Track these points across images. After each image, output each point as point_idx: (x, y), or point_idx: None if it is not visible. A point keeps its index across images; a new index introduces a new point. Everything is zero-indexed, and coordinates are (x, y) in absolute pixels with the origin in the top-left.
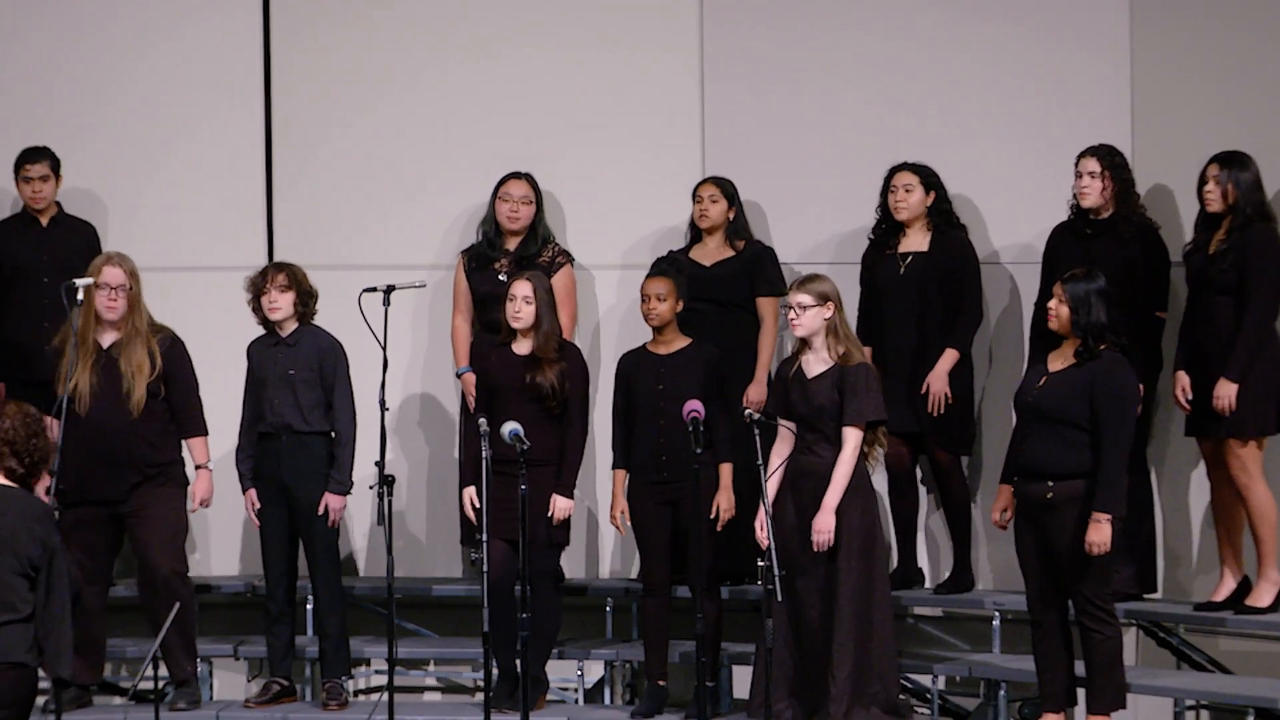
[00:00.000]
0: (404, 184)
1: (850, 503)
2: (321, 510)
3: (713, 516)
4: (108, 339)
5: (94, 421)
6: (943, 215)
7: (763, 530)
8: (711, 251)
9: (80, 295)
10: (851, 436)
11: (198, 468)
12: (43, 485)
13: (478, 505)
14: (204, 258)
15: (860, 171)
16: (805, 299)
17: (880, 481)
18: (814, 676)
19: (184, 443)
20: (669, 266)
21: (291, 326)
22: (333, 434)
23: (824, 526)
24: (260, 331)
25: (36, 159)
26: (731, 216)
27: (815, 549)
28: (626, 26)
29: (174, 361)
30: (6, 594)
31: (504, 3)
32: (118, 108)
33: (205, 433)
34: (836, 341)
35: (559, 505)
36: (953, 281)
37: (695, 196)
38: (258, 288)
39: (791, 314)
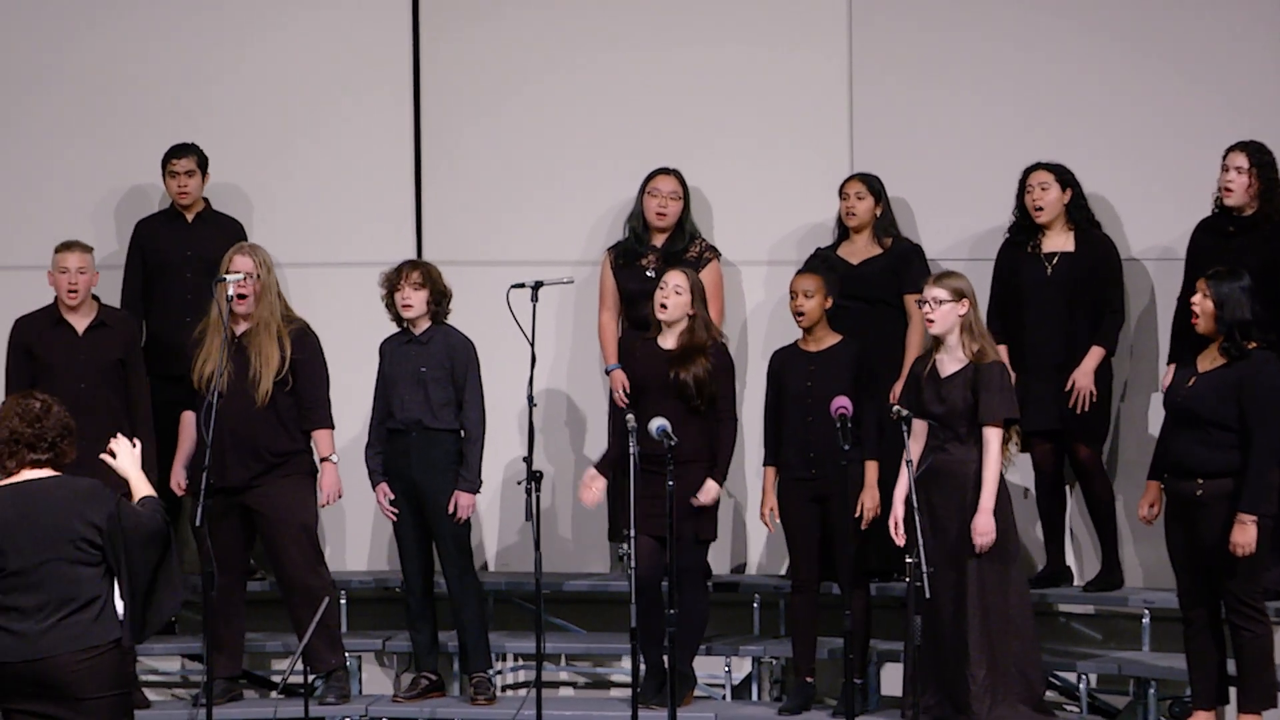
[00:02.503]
0: (551, 179)
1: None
2: (451, 508)
3: (858, 515)
4: (239, 328)
5: (221, 412)
6: (1081, 214)
7: (898, 528)
8: (859, 249)
9: (231, 291)
10: (993, 436)
11: (323, 460)
12: (178, 478)
13: (594, 489)
14: (354, 253)
15: (1005, 169)
16: (940, 294)
17: (1028, 479)
18: (954, 674)
19: (311, 435)
20: (820, 264)
21: (424, 324)
22: (462, 432)
23: (984, 528)
24: (388, 328)
25: (183, 154)
26: (879, 213)
27: (978, 551)
28: (775, 22)
29: (304, 353)
30: (67, 587)
31: None
32: (266, 103)
33: (331, 425)
34: (971, 339)
35: (707, 487)
36: (1098, 281)
37: (842, 193)
38: (392, 284)
39: (926, 309)
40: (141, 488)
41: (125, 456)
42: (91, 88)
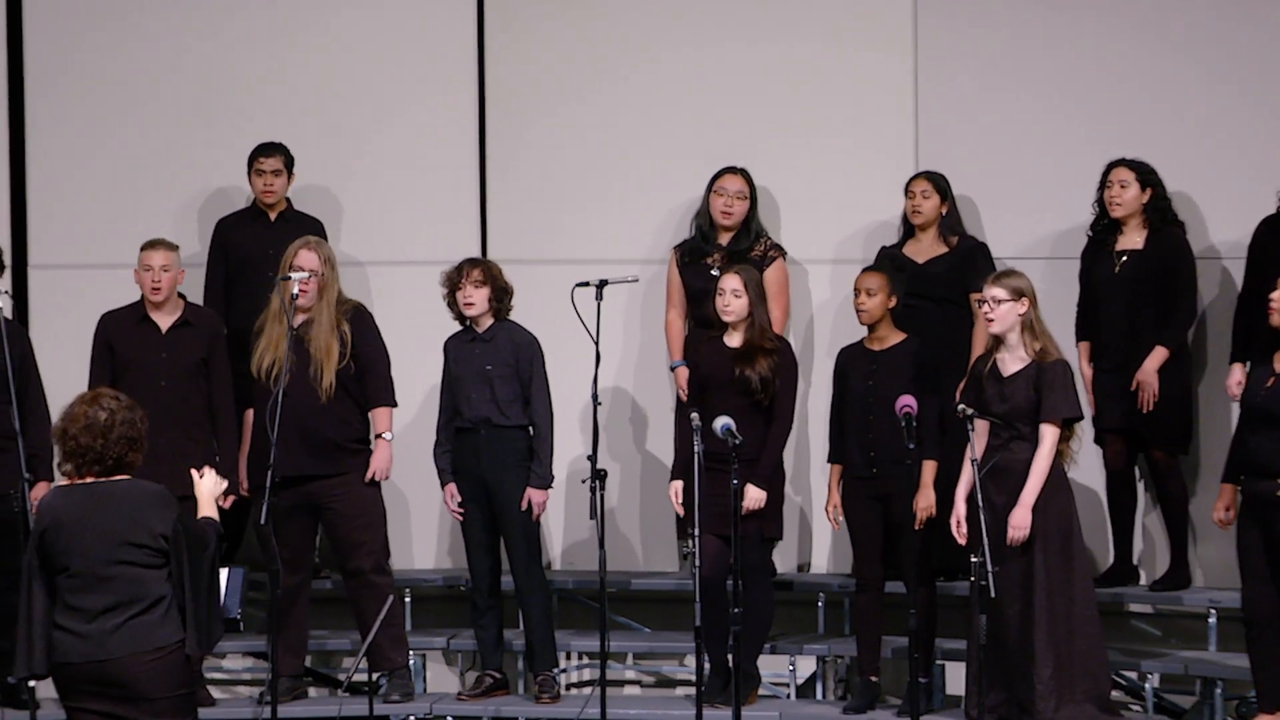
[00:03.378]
0: (616, 178)
1: (1047, 500)
2: (524, 505)
3: (912, 514)
4: (297, 320)
5: (288, 404)
6: (1158, 212)
7: (959, 528)
8: (925, 247)
9: (295, 289)
10: (1048, 433)
11: (377, 436)
12: (240, 475)
13: (681, 500)
14: (419, 252)
15: (1075, 167)
16: (999, 293)
17: (1098, 479)
18: (1019, 674)
19: (369, 413)
20: (887, 262)
21: (487, 322)
22: (530, 429)
23: (1020, 522)
24: (457, 327)
25: (270, 153)
26: (944, 212)
27: (1010, 544)
28: (841, 21)
29: (361, 333)
30: (133, 588)
31: None
32: (333, 104)
33: (392, 404)
34: (1032, 338)
35: (751, 495)
36: (1167, 279)
37: (908, 192)
38: (453, 283)
39: (985, 309)
40: (206, 512)
41: (203, 486)
42: (169, 90)
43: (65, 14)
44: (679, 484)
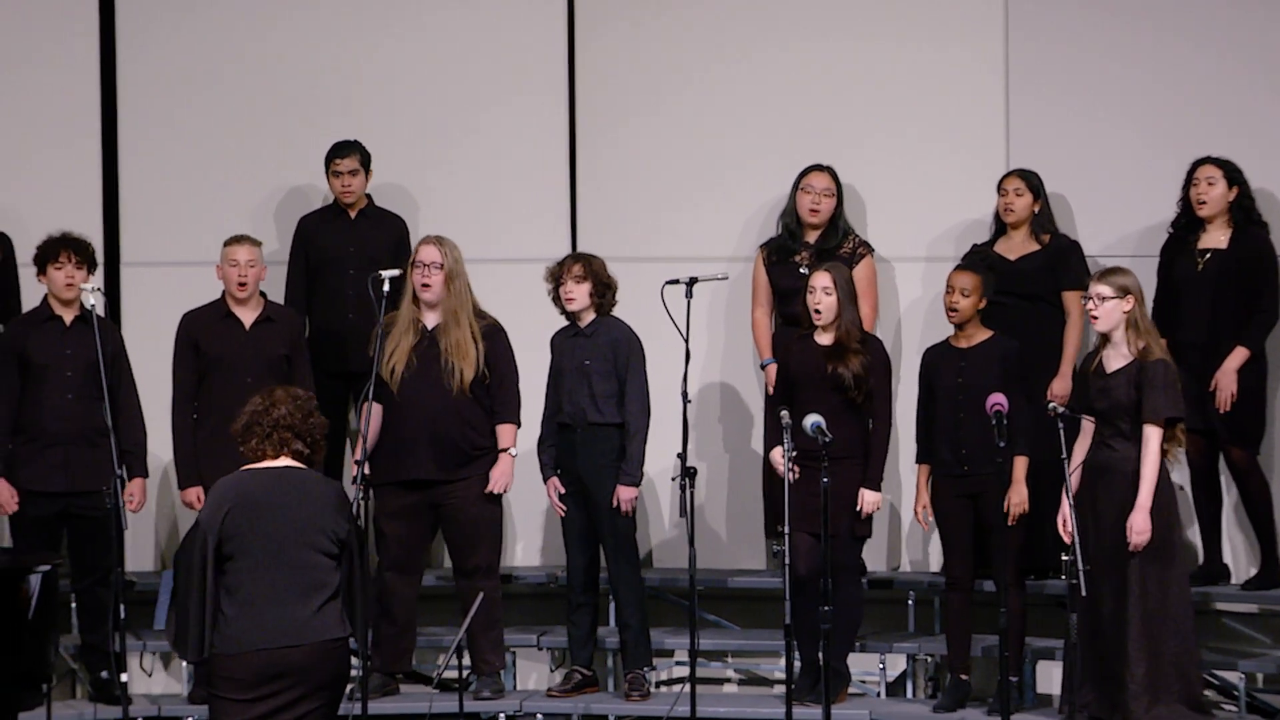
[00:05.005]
0: (704, 176)
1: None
2: (615, 503)
3: (1005, 511)
4: (430, 321)
5: (410, 403)
6: (1243, 211)
7: (1067, 525)
8: (1017, 245)
9: (386, 287)
10: (1153, 435)
11: (501, 451)
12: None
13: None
14: (508, 249)
15: (1164, 164)
16: (1105, 291)
17: (1184, 476)
18: (1112, 672)
19: (495, 427)
20: (979, 262)
21: (589, 317)
22: (625, 425)
23: (1141, 527)
24: (560, 323)
25: (346, 153)
26: (1037, 210)
27: (1132, 549)
28: (930, 18)
29: (496, 349)
30: (320, 574)
31: None
32: (423, 102)
33: (517, 422)
34: (1136, 336)
35: (867, 499)
36: (1250, 279)
37: (1000, 189)
38: (556, 278)
39: (1090, 306)
40: None
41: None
42: (255, 88)
43: (156, 16)
44: (778, 450)
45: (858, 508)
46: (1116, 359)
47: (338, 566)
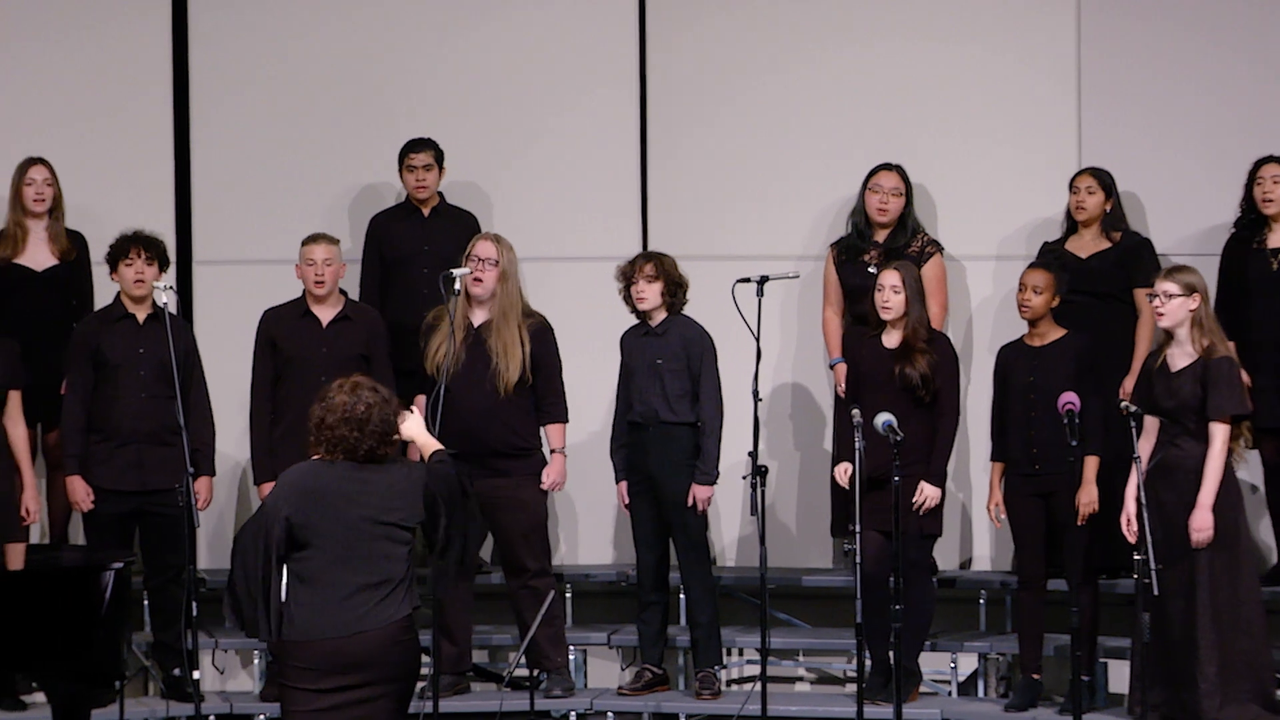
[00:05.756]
0: (774, 174)
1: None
2: (690, 501)
3: (1074, 509)
4: (478, 318)
5: (456, 401)
6: None
7: (1131, 525)
8: (1088, 243)
9: (457, 285)
10: (1219, 432)
11: (553, 452)
12: None
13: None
14: (579, 248)
15: (1234, 163)
16: (1171, 288)
17: (1256, 477)
18: (1182, 671)
19: (542, 429)
20: (1052, 260)
21: (660, 316)
22: (698, 424)
23: (1202, 524)
24: (632, 321)
25: (421, 149)
26: (1109, 208)
27: (1195, 547)
28: (1000, 17)
29: (542, 347)
30: (389, 565)
31: None
32: (495, 100)
33: (565, 420)
34: (1201, 334)
35: (927, 492)
36: None
37: (1072, 187)
38: (627, 277)
39: (1156, 303)
40: (430, 445)
41: (411, 424)
42: (326, 86)
43: (228, 14)
44: (845, 465)
45: (914, 500)
46: (1181, 357)
47: (409, 555)
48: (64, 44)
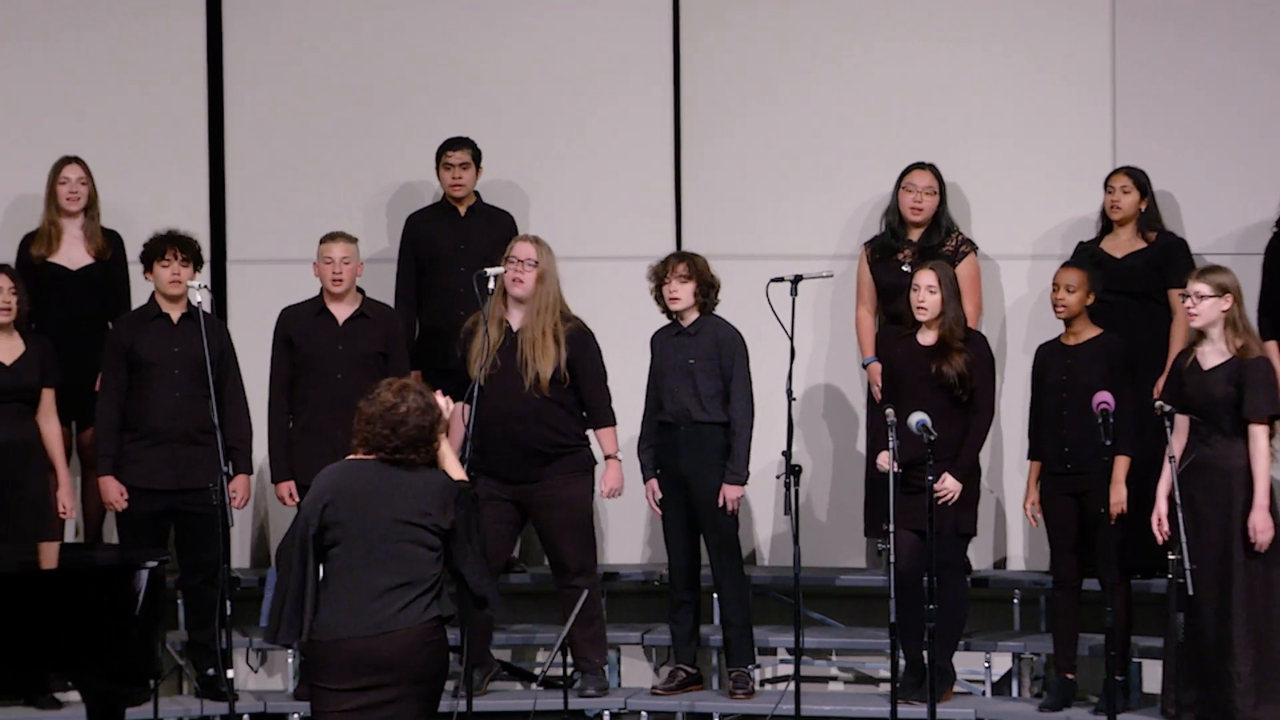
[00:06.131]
0: (808, 173)
1: (1245, 497)
2: (721, 501)
3: (1103, 510)
4: (515, 320)
5: (494, 403)
6: None
7: (1162, 525)
8: (1123, 243)
9: (491, 284)
10: (1259, 433)
11: (607, 458)
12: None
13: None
14: (613, 247)
15: (1271, 161)
16: (1203, 289)
17: None
18: (1215, 672)
19: (593, 434)
20: (1086, 259)
21: (693, 316)
22: (729, 423)
23: (1262, 525)
24: (664, 321)
25: (459, 147)
26: (1144, 208)
27: (1257, 549)
28: (1034, 17)
29: (582, 351)
30: (417, 567)
31: None
32: (530, 100)
33: (613, 423)
34: (1234, 334)
35: (948, 484)
36: None
37: (1107, 187)
38: (659, 277)
39: (1189, 303)
40: (455, 472)
41: (444, 447)
42: (361, 86)
43: (263, 14)
44: (885, 455)
45: (938, 491)
46: (1214, 356)
47: (438, 558)
48: (98, 43)
